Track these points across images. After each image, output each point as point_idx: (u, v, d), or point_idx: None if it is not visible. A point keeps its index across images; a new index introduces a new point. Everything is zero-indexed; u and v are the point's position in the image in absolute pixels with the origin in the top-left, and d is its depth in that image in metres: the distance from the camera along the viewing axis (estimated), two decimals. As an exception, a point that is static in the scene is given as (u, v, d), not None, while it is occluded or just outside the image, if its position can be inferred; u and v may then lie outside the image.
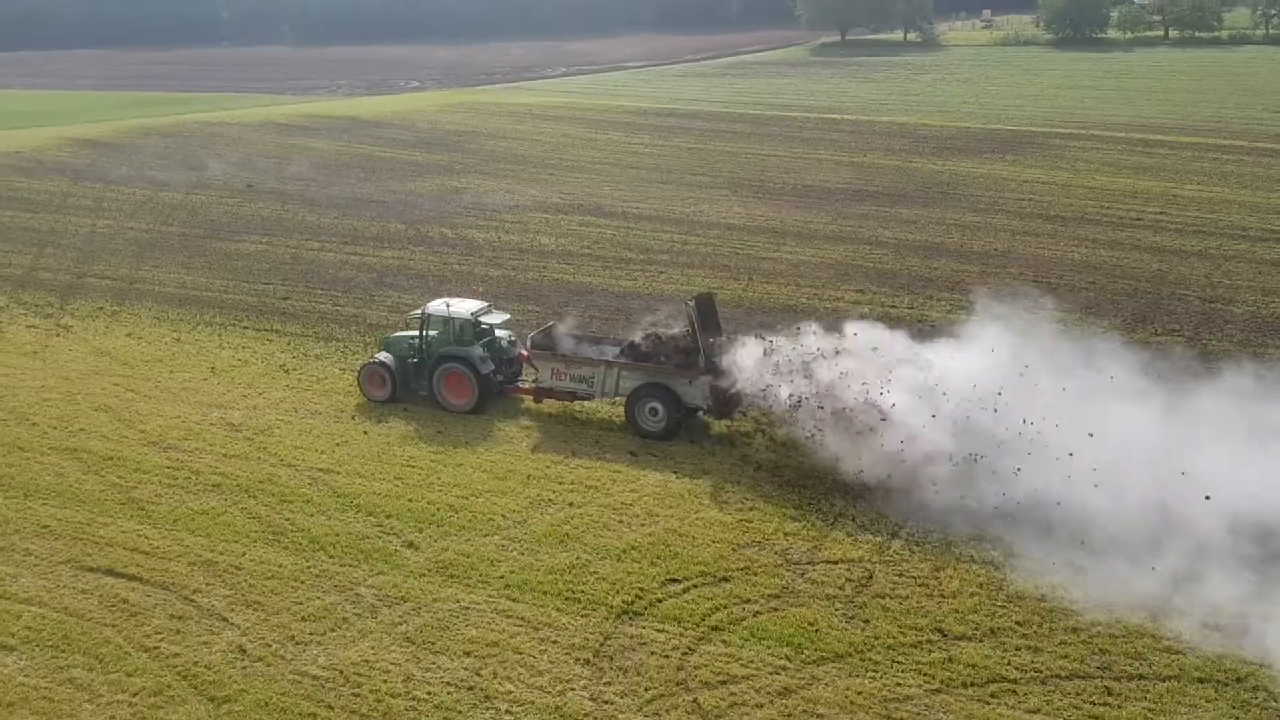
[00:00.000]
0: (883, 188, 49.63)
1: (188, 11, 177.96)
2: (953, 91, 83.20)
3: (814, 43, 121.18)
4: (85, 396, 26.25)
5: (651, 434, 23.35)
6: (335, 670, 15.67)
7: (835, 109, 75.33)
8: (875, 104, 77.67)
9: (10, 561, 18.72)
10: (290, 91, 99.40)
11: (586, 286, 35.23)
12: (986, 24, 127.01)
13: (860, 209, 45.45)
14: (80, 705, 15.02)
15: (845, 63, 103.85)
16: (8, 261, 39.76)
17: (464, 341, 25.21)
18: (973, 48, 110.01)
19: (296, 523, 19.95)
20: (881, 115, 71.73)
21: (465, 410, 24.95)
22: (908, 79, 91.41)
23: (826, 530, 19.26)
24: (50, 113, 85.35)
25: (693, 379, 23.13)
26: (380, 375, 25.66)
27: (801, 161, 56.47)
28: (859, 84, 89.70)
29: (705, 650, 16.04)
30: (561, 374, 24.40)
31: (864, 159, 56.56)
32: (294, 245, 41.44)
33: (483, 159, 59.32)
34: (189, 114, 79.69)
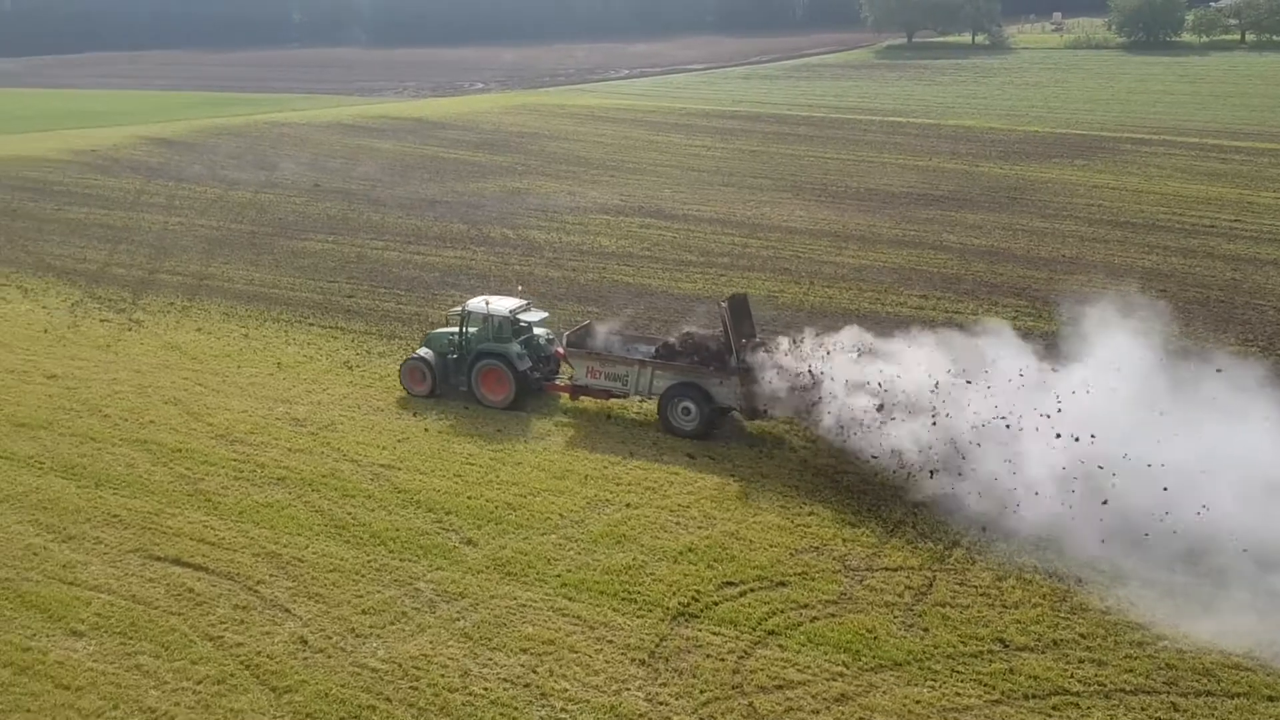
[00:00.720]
0: (948, 192, 49.04)
1: (259, 14, 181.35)
2: (1021, 95, 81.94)
3: (879, 45, 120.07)
4: (156, 390, 26.83)
5: (684, 433, 23.54)
6: (394, 663, 15.83)
7: (900, 112, 74.61)
8: (941, 107, 76.78)
9: (81, 549, 19.19)
10: (358, 92, 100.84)
11: (646, 288, 35.24)
12: (1057, 26, 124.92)
13: (925, 213, 44.94)
14: (146, 691, 15.34)
15: (911, 65, 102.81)
16: (83, 257, 40.80)
17: (502, 339, 25.63)
18: (1042, 50, 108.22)
19: (358, 517, 20.20)
20: (948, 118, 70.90)
21: (502, 406, 25.34)
22: (975, 82, 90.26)
23: (886, 537, 19.06)
24: (125, 112, 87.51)
25: (724, 379, 23.20)
26: (421, 370, 26.10)
27: (865, 165, 55.99)
28: (925, 87, 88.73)
29: (761, 654, 15.94)
30: (596, 372, 24.68)
31: (929, 163, 55.92)
32: (359, 244, 42.00)
33: (545, 160, 59.66)
34: (259, 114, 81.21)
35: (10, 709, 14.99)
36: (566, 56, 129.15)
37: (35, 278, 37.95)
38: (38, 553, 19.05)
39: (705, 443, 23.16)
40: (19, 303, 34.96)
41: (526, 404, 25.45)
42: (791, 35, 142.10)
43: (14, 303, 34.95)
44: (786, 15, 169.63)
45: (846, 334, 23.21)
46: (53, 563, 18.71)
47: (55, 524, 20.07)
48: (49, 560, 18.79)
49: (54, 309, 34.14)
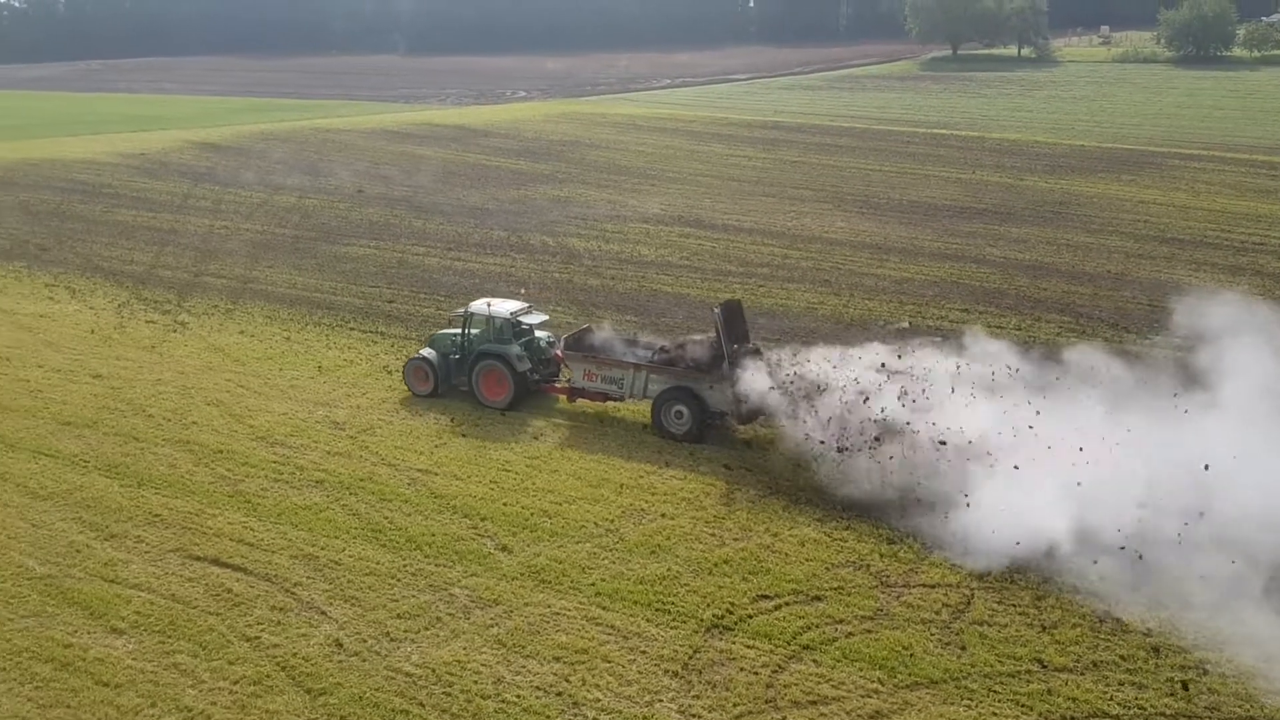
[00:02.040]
0: (992, 205, 48.63)
1: (303, 21, 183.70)
2: (1067, 108, 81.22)
3: (924, 57, 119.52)
4: (198, 391, 27.15)
5: (676, 437, 23.83)
6: (428, 668, 15.87)
7: (944, 124, 74.15)
8: (986, 120, 76.23)
9: (123, 548, 19.42)
10: (400, 100, 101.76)
11: (685, 298, 35.21)
12: (1104, 40, 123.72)
13: (968, 226, 44.59)
14: (184, 690, 15.48)
15: (956, 77, 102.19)
16: (131, 259, 41.42)
17: (503, 340, 26.04)
18: (1090, 64, 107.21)
19: (395, 521, 20.31)
20: (992, 131, 70.36)
21: (501, 407, 25.75)
22: (1020, 95, 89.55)
23: (925, 553, 18.85)
24: (173, 117, 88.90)
25: (716, 383, 23.41)
26: (424, 370, 26.54)
27: (908, 177, 55.68)
28: (970, 99, 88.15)
29: (795, 669, 15.82)
30: (593, 375, 25.03)
31: (973, 176, 55.51)
32: (400, 250, 42.32)
33: (585, 169, 59.85)
34: (303, 120, 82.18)
35: (51, 704, 15.19)
36: (608, 66, 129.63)
37: (83, 278, 38.57)
38: (80, 550, 19.31)
39: (742, 454, 23.05)
40: (67, 303, 35.54)
41: (524, 405, 25.78)
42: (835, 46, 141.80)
43: (62, 303, 35.53)
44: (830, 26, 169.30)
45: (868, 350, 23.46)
46: (95, 560, 18.96)
47: (98, 522, 20.34)
48: (91, 558, 19.04)
49: (101, 309, 34.68)
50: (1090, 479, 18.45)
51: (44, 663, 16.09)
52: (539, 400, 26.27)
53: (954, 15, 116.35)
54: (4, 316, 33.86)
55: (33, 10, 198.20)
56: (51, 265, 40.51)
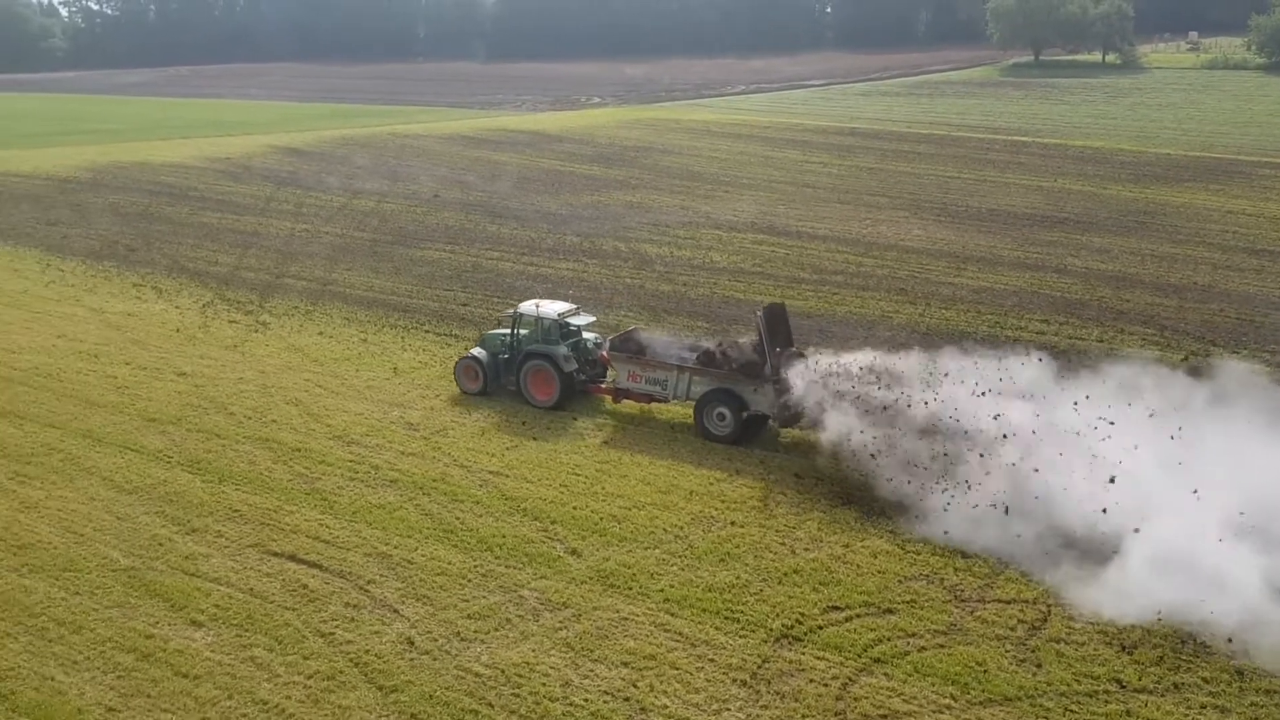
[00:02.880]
0: (1074, 214, 47.63)
1: (386, 28, 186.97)
2: (1153, 116, 79.22)
3: (1005, 63, 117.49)
4: (278, 390, 27.71)
5: (718, 439, 23.94)
6: (497, 669, 15.98)
7: (1025, 131, 72.85)
8: (1069, 127, 74.71)
9: (203, 542, 19.88)
10: (478, 106, 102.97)
11: (757, 305, 34.92)
12: (1193, 46, 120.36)
13: (1049, 235, 43.72)
14: (259, 683, 15.78)
15: (1038, 83, 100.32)
16: (215, 260, 42.46)
17: (550, 341, 26.45)
18: (1177, 70, 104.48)
19: (466, 522, 20.49)
20: (1075, 139, 68.95)
21: (548, 406, 26.17)
22: (1105, 101, 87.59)
23: (1000, 568, 18.47)
24: (257, 122, 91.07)
25: (758, 386, 23.48)
26: (474, 369, 27.07)
27: (987, 185, 54.80)
28: (1052, 106, 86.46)
29: (866, 682, 15.61)
30: (637, 376, 25.33)
31: (1054, 184, 54.44)
32: (475, 254, 42.77)
33: (658, 175, 59.92)
34: (383, 126, 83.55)
35: (131, 694, 15.59)
36: (683, 71, 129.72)
37: (170, 279, 39.63)
38: (163, 543, 19.81)
39: (813, 463, 22.78)
40: (154, 302, 36.53)
41: (570, 405, 26.14)
42: (914, 52, 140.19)
43: (149, 302, 36.54)
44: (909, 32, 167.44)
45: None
46: (176, 554, 19.43)
47: (180, 516, 20.85)
48: (173, 551, 19.52)
49: (186, 309, 35.58)
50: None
51: (126, 652, 16.52)
52: (585, 400, 26.59)
53: (1037, 21, 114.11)
54: (93, 315, 34.93)
55: (124, 18, 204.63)
56: (139, 265, 41.70)
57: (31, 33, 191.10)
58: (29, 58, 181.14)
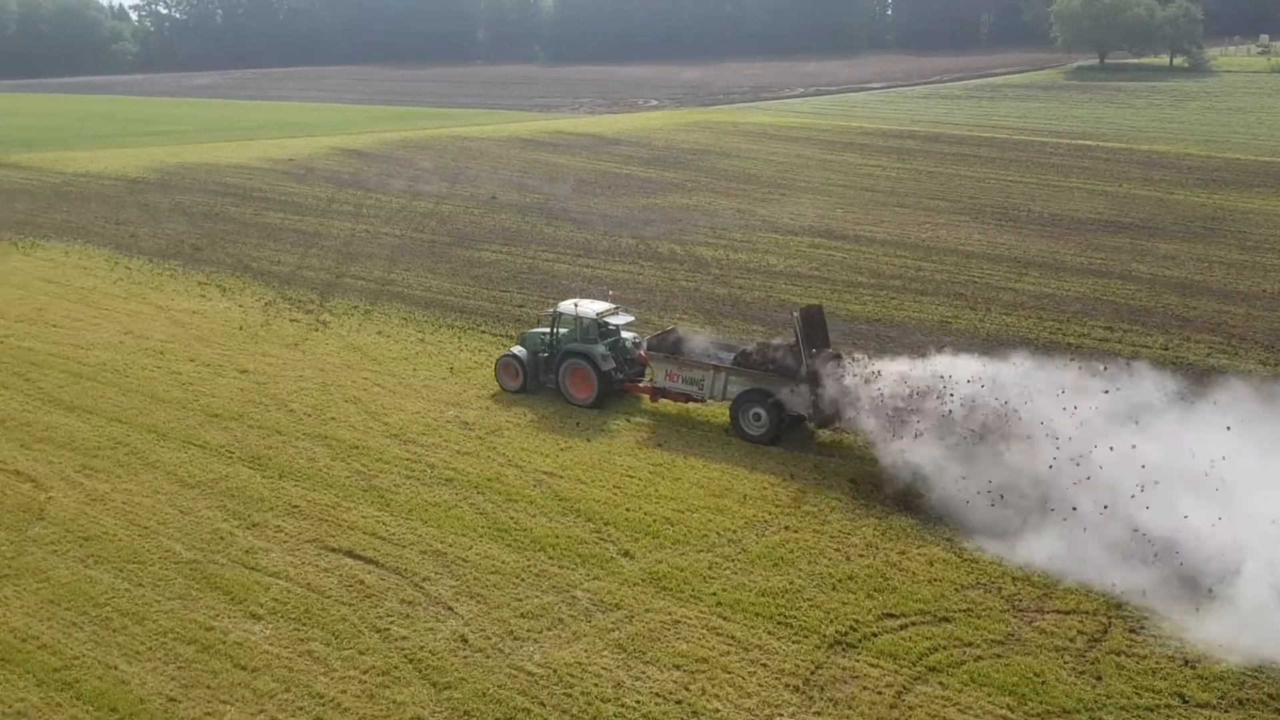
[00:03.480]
0: (1139, 219, 46.74)
1: (446, 31, 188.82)
2: (1222, 120, 77.49)
3: (1069, 66, 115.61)
4: (337, 388, 28.08)
5: (754, 439, 24.06)
6: (549, 669, 16.03)
7: (1090, 135, 71.65)
8: (1134, 131, 73.34)
9: (263, 537, 20.19)
10: (536, 108, 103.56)
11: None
12: (1263, 49, 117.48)
13: (1113, 241, 42.95)
14: (316, 677, 15.98)
15: (1103, 87, 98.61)
16: (278, 260, 43.15)
17: (589, 340, 26.69)
18: (1247, 74, 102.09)
19: (520, 522, 20.59)
20: (1141, 143, 67.67)
21: (586, 404, 26.45)
22: (1172, 105, 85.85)
23: (1059, 578, 18.15)
24: (320, 124, 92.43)
25: (794, 387, 23.55)
26: (514, 367, 27.44)
27: (1050, 189, 53.97)
28: (1117, 109, 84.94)
29: (921, 690, 15.42)
30: (674, 375, 25.56)
31: (1119, 188, 53.47)
32: (531, 255, 43.01)
33: (715, 178, 59.81)
34: (442, 128, 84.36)
35: (191, 684, 15.87)
36: (741, 74, 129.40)
37: (233, 277, 40.34)
38: (224, 537, 20.15)
39: (869, 469, 22.59)
40: (218, 300, 37.22)
41: (608, 403, 26.42)
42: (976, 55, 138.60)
43: (214, 300, 37.23)
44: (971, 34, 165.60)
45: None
46: (237, 548, 19.75)
47: (241, 511, 21.20)
48: (234, 545, 19.85)
49: (249, 307, 36.19)
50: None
51: (187, 644, 16.82)
52: (623, 399, 26.84)
53: (1102, 24, 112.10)
54: (159, 312, 35.67)
55: (193, 22, 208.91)
56: (204, 264, 42.50)
57: (102, 36, 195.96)
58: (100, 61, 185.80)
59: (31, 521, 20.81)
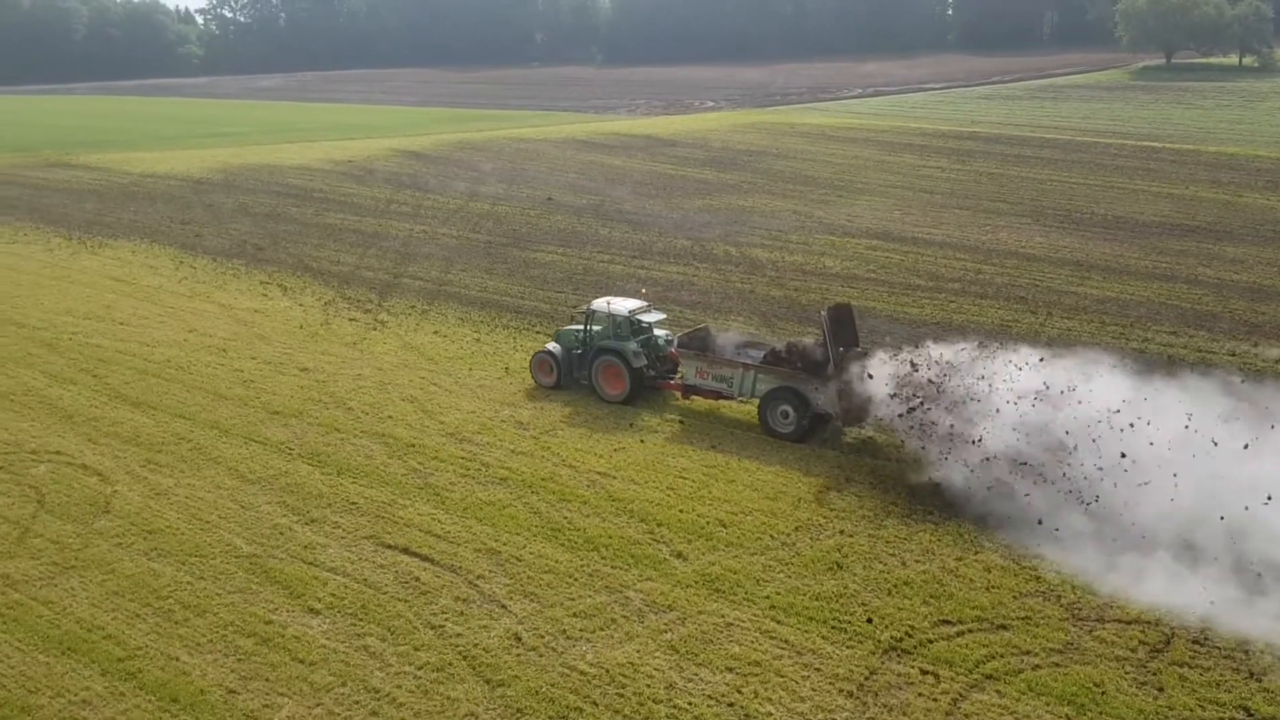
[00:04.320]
0: (1206, 223, 45.73)
1: (504, 34, 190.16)
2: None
3: (1134, 66, 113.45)
4: (394, 387, 28.39)
5: (782, 436, 24.40)
6: (602, 669, 16.05)
7: (1155, 136, 70.23)
8: (1202, 132, 71.77)
9: (321, 532, 20.47)
10: (592, 110, 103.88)
11: (870, 311, 34.46)
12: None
13: (1179, 244, 42.07)
14: (372, 672, 16.16)
15: (1169, 87, 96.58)
16: (337, 260, 43.74)
17: (621, 337, 27.14)
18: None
19: (574, 522, 20.66)
20: (1209, 145, 66.19)
21: (618, 400, 26.90)
22: (1241, 106, 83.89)
23: (1121, 587, 17.78)
24: (379, 126, 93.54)
25: (821, 385, 23.85)
26: (549, 364, 27.94)
27: (1114, 191, 52.99)
28: (1184, 110, 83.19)
29: (977, 698, 15.21)
30: (705, 373, 26.00)
31: (1186, 191, 52.34)
32: (586, 256, 43.14)
33: (771, 179, 59.55)
34: (499, 130, 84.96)
35: (251, 677, 16.12)
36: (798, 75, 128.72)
37: (294, 277, 40.97)
38: (283, 532, 20.46)
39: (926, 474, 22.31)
40: (279, 299, 37.81)
41: (639, 399, 26.89)
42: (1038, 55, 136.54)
43: (275, 299, 37.83)
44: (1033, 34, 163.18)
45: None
46: (296, 543, 20.04)
47: (300, 507, 21.51)
48: (293, 540, 20.14)
49: (309, 307, 36.72)
50: None
51: (246, 637, 17.10)
52: (656, 395, 27.18)
53: (1169, 23, 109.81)
54: (223, 311, 36.32)
55: (256, 26, 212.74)
56: (266, 264, 43.21)
57: (169, 40, 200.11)
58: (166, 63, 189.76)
59: (98, 514, 21.30)
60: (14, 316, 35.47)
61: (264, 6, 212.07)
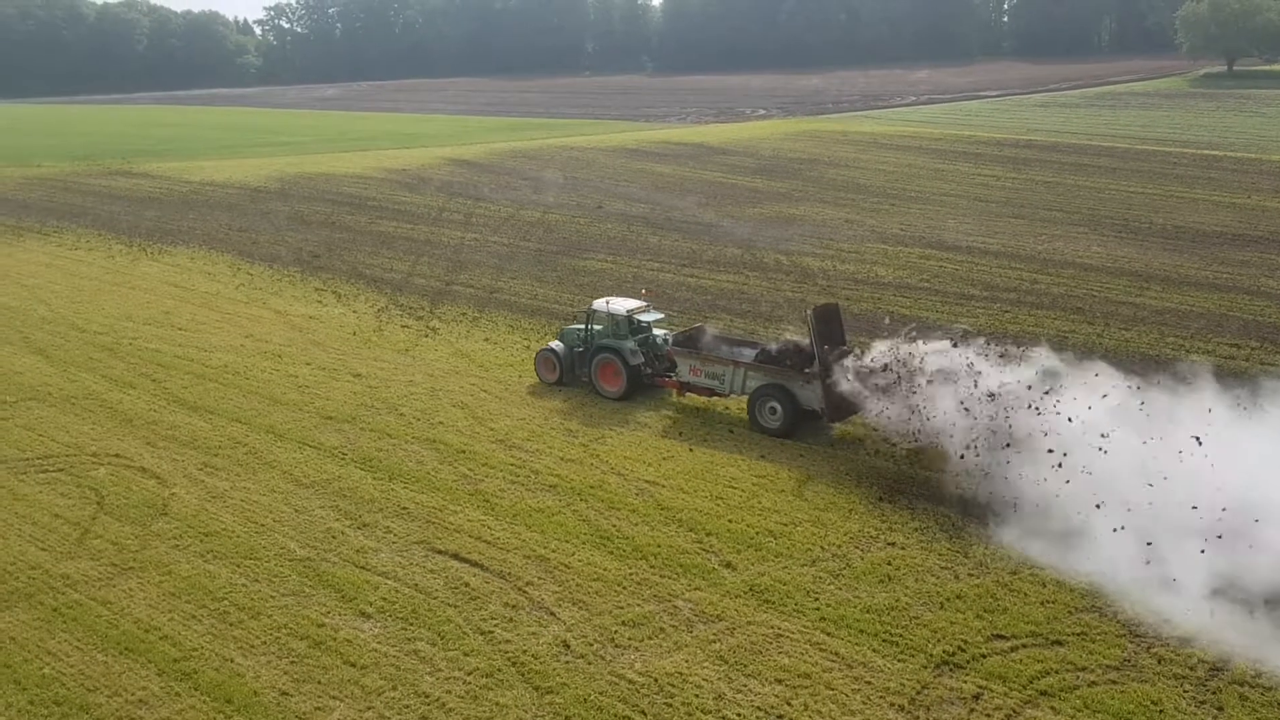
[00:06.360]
0: (1269, 232, 44.76)
1: (555, 43, 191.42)
2: (1361, 128, 73.77)
3: (1194, 73, 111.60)
4: (445, 393, 28.60)
5: (770, 431, 25.20)
6: (650, 678, 16.01)
7: (1216, 145, 68.94)
8: (1265, 140, 70.33)
9: (373, 537, 20.66)
10: (643, 118, 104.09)
11: (923, 321, 34.10)
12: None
13: (1241, 255, 41.20)
14: (421, 676, 16.26)
15: (1231, 94, 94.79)
16: (390, 267, 44.20)
17: (619, 335, 28.13)
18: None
19: (622, 530, 20.65)
20: (1272, 153, 64.83)
21: (616, 397, 27.80)
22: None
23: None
24: (432, 135, 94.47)
25: (807, 382, 24.63)
26: (551, 361, 28.97)
27: (1174, 200, 52.06)
28: (1247, 118, 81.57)
29: (1031, 714, 14.96)
30: (698, 370, 26.80)
31: (1248, 200, 51.27)
32: (636, 265, 43.20)
33: (822, 187, 59.27)
34: (551, 138, 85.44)
35: (303, 679, 16.29)
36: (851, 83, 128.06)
37: (349, 284, 41.47)
38: (336, 536, 20.68)
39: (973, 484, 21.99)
40: (334, 306, 38.28)
41: (636, 396, 27.81)
42: (1096, 62, 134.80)
43: (330, 306, 38.30)
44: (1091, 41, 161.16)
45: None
46: (348, 547, 20.24)
47: (352, 511, 21.73)
48: (345, 544, 20.35)
49: (362, 313, 37.14)
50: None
51: (299, 639, 17.29)
52: (653, 392, 28.01)
53: (1231, 29, 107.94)
54: (278, 317, 36.85)
55: (313, 36, 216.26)
56: (321, 271, 43.78)
57: (228, 50, 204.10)
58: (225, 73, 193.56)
59: (156, 516, 21.67)
60: (76, 321, 36.27)
61: (320, 17, 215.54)
